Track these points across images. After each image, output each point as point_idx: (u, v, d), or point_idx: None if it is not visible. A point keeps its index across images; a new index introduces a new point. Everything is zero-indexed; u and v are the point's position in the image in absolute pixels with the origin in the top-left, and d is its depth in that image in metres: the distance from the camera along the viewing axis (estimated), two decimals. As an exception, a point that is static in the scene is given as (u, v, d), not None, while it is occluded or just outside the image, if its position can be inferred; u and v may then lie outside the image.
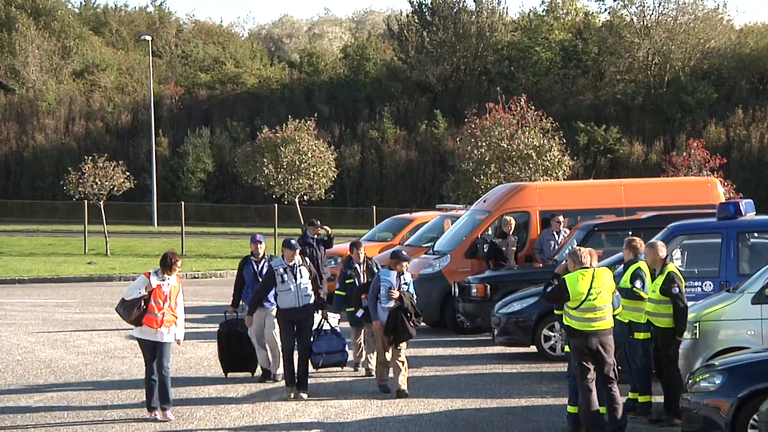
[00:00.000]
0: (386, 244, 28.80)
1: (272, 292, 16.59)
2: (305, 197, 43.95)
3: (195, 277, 37.07)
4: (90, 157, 46.19)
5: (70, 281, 36.29)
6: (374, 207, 49.90)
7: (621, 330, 14.44)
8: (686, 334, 14.45)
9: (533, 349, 19.37)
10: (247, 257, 17.85)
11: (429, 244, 25.76)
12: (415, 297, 16.59)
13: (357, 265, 18.01)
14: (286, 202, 44.94)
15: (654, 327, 14.47)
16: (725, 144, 60.92)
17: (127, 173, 46.14)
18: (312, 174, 43.06)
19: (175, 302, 14.98)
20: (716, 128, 62.95)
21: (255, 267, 17.51)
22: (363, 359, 18.06)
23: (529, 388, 16.74)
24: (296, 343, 16.34)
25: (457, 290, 22.17)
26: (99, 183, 44.72)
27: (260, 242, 17.69)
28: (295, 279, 16.15)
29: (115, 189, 45.32)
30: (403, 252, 17.08)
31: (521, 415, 15.05)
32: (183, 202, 51.81)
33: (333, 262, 28.28)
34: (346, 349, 17.15)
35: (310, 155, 42.86)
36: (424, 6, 74.99)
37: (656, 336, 14.54)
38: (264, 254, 17.65)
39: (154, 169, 64.10)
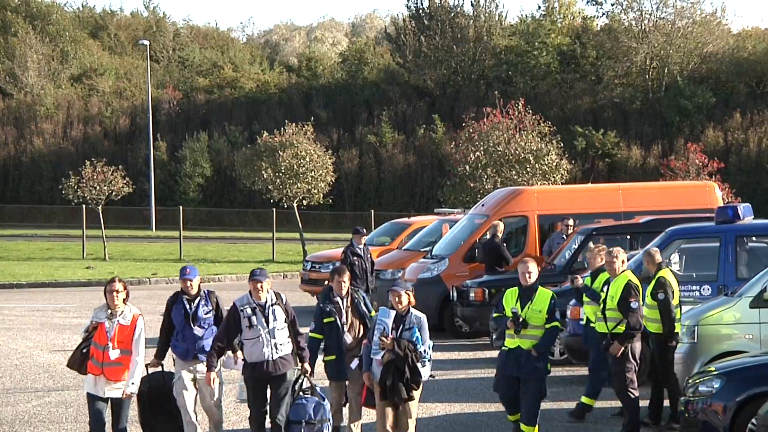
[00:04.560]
0: (384, 248, 28.84)
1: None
2: (303, 202, 43.96)
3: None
4: (88, 162, 46.24)
5: (68, 286, 36.28)
6: (372, 211, 49.91)
7: (593, 338, 14.61)
8: (685, 338, 14.49)
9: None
10: (176, 294, 13.43)
11: (427, 249, 25.77)
12: (425, 348, 12.28)
13: (339, 299, 13.41)
14: (285, 207, 44.96)
15: (649, 332, 14.51)
16: (723, 148, 60.93)
17: (126, 178, 46.18)
18: (310, 178, 43.09)
19: (130, 346, 11.99)
20: (714, 132, 62.95)
21: (187, 307, 13.18)
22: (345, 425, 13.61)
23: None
24: (269, 411, 12.63)
25: (455, 294, 22.18)
26: (97, 188, 44.73)
27: (190, 278, 13.18)
28: (267, 323, 12.38)
29: (114, 194, 45.34)
30: (402, 282, 12.88)
31: (520, 419, 15.06)
32: (181, 207, 51.83)
33: (331, 267, 28.27)
34: (329, 417, 12.84)
35: (308, 160, 42.89)
36: (421, 10, 75.03)
37: (651, 341, 14.60)
38: (199, 291, 13.26)
39: (152, 174, 64.10)
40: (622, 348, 13.77)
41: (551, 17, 75.89)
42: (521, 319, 12.92)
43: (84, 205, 45.74)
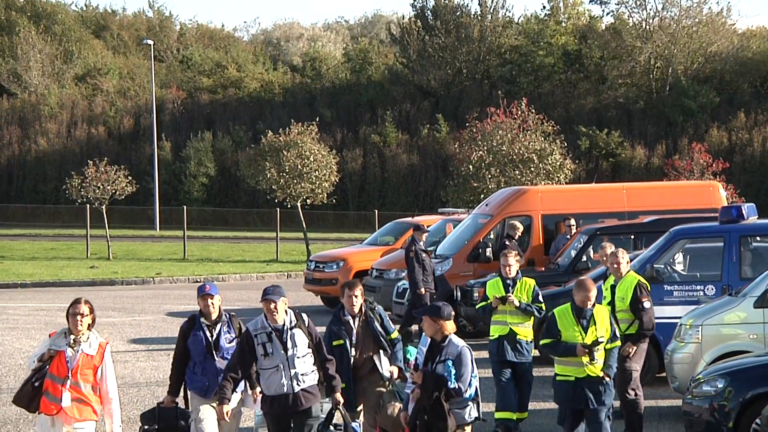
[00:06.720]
0: (388, 248, 28.80)
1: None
2: (307, 201, 43.97)
3: (197, 282, 37.05)
4: (92, 162, 46.27)
5: (72, 285, 36.29)
6: (376, 211, 49.92)
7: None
8: (691, 338, 14.52)
9: (536, 353, 19.33)
10: (193, 318, 11.41)
11: (431, 248, 25.74)
12: (459, 386, 10.30)
13: (350, 318, 11.74)
14: (288, 206, 44.97)
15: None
16: (727, 148, 60.95)
17: (130, 177, 46.20)
18: (314, 178, 43.10)
19: (95, 379, 10.15)
20: (718, 132, 62.96)
21: (207, 334, 11.24)
22: None
23: (531, 392, 16.70)
24: None
25: (458, 294, 22.15)
26: (101, 187, 44.77)
27: (212, 293, 11.28)
28: (285, 350, 10.50)
29: (118, 193, 45.37)
30: (440, 305, 10.58)
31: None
32: (185, 206, 51.83)
33: (334, 266, 28.26)
34: None
35: (312, 159, 42.90)
36: (426, 10, 75.04)
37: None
38: (221, 314, 11.33)
39: (156, 173, 64.11)
40: (635, 347, 13.71)
41: (556, 17, 75.90)
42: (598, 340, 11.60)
43: (88, 205, 45.77)
